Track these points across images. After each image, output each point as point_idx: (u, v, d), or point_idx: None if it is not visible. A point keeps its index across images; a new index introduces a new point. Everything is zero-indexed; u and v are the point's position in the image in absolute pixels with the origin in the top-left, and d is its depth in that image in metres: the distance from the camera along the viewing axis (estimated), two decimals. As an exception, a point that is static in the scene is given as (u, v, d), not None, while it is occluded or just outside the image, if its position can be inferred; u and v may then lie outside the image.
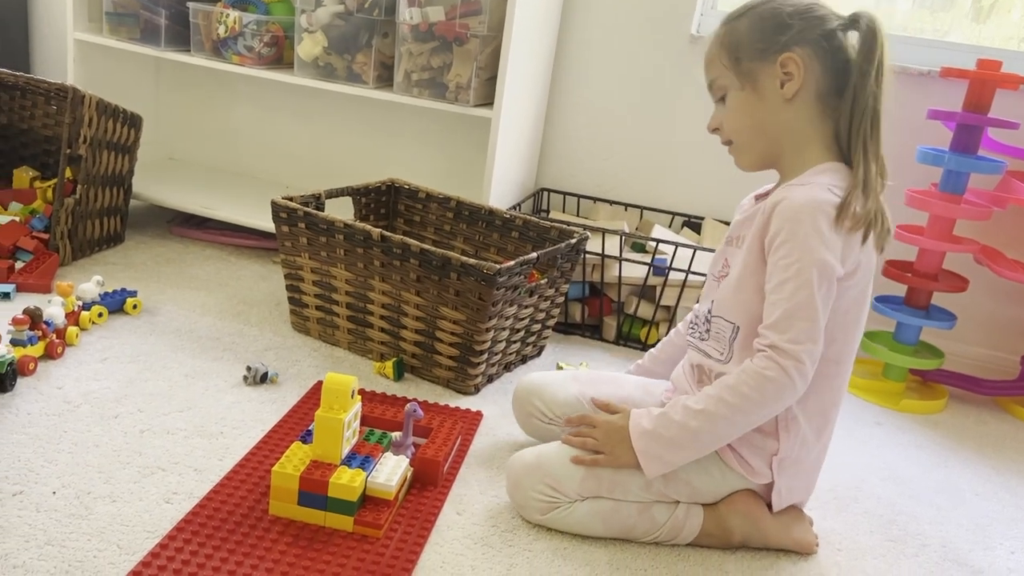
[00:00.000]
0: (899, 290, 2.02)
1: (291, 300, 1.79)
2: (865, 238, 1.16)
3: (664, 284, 1.92)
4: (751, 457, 1.22)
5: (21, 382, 1.43)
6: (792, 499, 1.27)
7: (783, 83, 1.18)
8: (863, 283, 1.19)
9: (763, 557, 1.25)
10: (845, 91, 1.17)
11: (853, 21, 1.18)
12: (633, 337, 1.99)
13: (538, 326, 1.79)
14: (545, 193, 2.34)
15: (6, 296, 1.74)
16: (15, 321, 1.47)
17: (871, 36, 1.16)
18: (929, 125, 1.99)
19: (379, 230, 1.60)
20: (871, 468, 1.58)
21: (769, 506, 1.26)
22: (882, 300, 1.97)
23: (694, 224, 2.26)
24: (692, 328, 1.32)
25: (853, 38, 1.18)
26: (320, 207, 1.82)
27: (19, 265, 1.86)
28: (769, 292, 1.15)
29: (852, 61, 1.17)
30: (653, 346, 1.51)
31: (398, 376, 1.64)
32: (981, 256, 1.90)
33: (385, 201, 2.03)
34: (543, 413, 1.40)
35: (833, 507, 1.42)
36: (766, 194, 1.28)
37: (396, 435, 1.34)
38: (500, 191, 2.06)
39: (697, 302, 1.44)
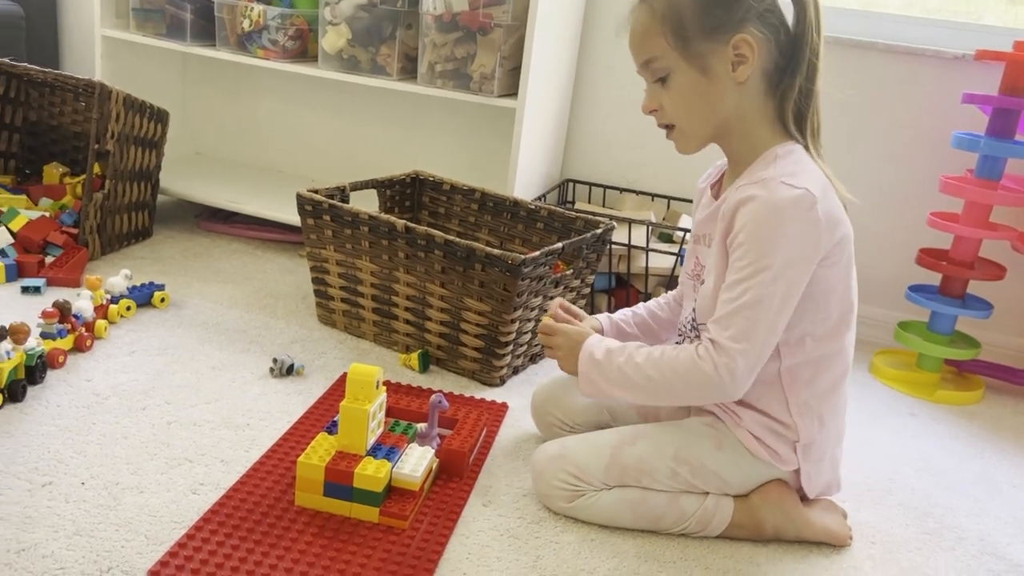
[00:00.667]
0: (934, 279, 1.98)
1: (317, 292, 1.80)
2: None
3: (692, 274, 1.89)
4: (777, 445, 1.20)
5: (51, 375, 1.44)
6: (821, 485, 1.25)
7: (735, 66, 1.13)
8: (845, 256, 1.16)
9: (795, 550, 1.23)
10: (790, 68, 1.13)
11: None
12: (660, 328, 1.97)
13: (564, 317, 1.77)
14: (570, 184, 2.33)
15: (37, 290, 1.76)
16: (45, 314, 1.49)
17: (813, 8, 1.12)
18: (964, 110, 1.95)
19: (403, 221, 1.59)
20: (905, 460, 1.55)
21: (802, 498, 1.24)
22: (916, 289, 1.93)
23: (722, 214, 2.23)
24: (680, 336, 1.31)
25: (788, 11, 1.14)
26: (345, 200, 1.82)
27: (49, 260, 1.88)
28: (723, 288, 1.13)
29: (795, 36, 1.13)
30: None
31: (423, 368, 1.63)
32: (1019, 243, 1.85)
33: (410, 193, 2.02)
34: (562, 422, 1.40)
35: (867, 499, 1.39)
36: (719, 182, 1.25)
37: (421, 426, 1.33)
38: (525, 182, 2.05)
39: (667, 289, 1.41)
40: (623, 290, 1.99)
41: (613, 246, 1.89)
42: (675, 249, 1.90)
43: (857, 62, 2.04)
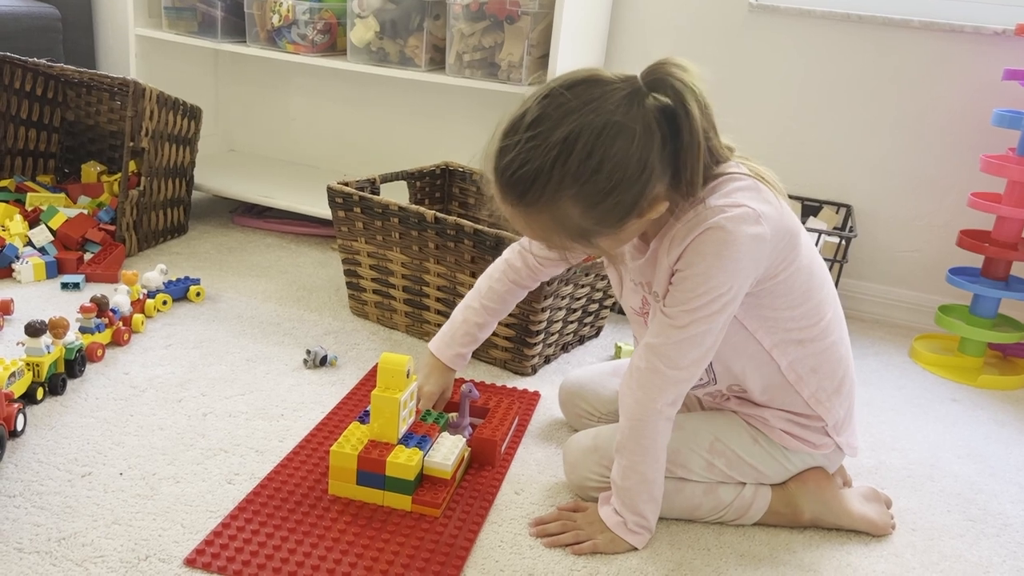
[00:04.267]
0: (975, 261, 1.93)
1: (349, 285, 1.80)
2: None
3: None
4: (807, 434, 1.18)
5: (89, 368, 1.47)
6: (856, 445, 1.24)
7: (650, 215, 1.01)
8: (797, 251, 1.08)
9: (833, 537, 1.21)
10: (687, 154, 0.99)
11: (654, 88, 0.98)
12: (694, 316, 1.94)
13: (595, 306, 1.76)
14: (601, 172, 2.30)
15: (76, 286, 1.79)
16: (83, 309, 1.51)
17: (681, 103, 0.97)
18: (1005, 86, 1.89)
19: (433, 212, 1.59)
20: (947, 446, 1.51)
21: (845, 480, 1.23)
22: (958, 272, 1.89)
23: (756, 199, 2.19)
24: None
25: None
26: (375, 192, 1.82)
27: (88, 256, 1.91)
28: (664, 313, 1.06)
29: (675, 112, 0.97)
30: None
31: (455, 358, 1.63)
32: (1064, 223, 1.80)
33: (440, 184, 2.02)
34: (590, 413, 1.39)
35: (908, 485, 1.36)
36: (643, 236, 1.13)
37: (453, 416, 1.33)
38: (555, 170, 2.03)
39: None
40: (656, 278, 1.97)
41: (645, 233, 1.88)
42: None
43: (893, 41, 2.00)
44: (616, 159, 0.95)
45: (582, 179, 0.95)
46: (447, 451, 1.21)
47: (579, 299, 1.67)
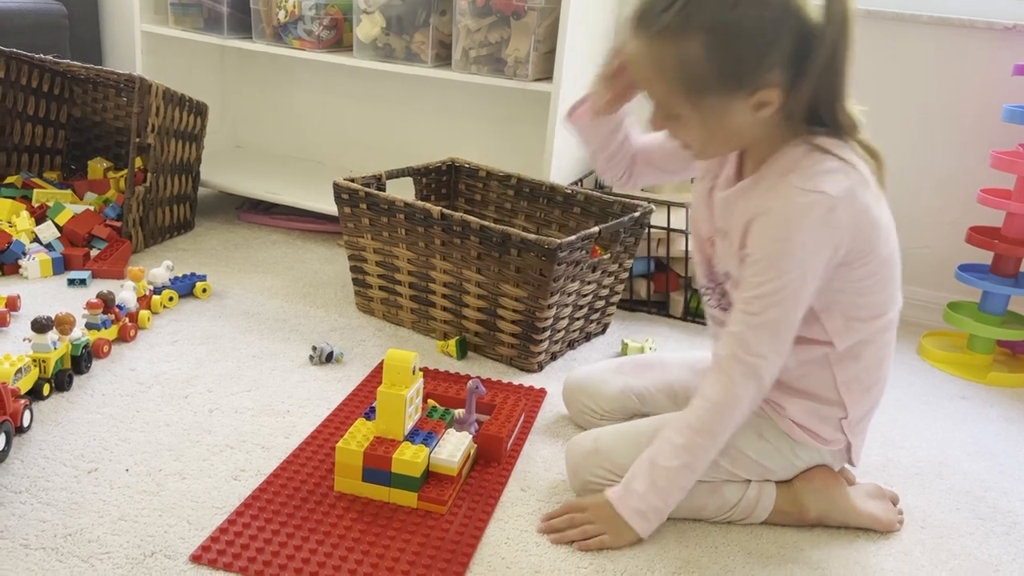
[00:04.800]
0: (985, 257, 1.91)
1: (355, 281, 1.80)
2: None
3: (732, 257, 1.86)
4: (820, 428, 1.17)
5: (96, 364, 1.47)
6: (862, 446, 1.23)
7: (757, 108, 1.03)
8: (881, 250, 1.09)
9: (841, 535, 1.20)
10: (811, 64, 1.00)
11: None
12: (701, 313, 1.94)
13: (602, 303, 1.75)
14: (608, 168, 2.30)
15: (82, 282, 1.79)
16: (89, 305, 1.51)
17: (843, 11, 1.00)
18: (1016, 82, 1.88)
19: (439, 208, 1.59)
20: (956, 443, 1.51)
21: (849, 480, 1.22)
22: (967, 269, 1.88)
23: (763, 195, 2.18)
24: (707, 294, 1.24)
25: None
26: (381, 188, 1.82)
27: (94, 252, 1.91)
28: (739, 300, 1.09)
29: (820, 34, 1.00)
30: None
31: (461, 354, 1.63)
32: (1075, 219, 1.78)
33: (446, 180, 2.02)
34: (592, 411, 1.38)
35: (916, 483, 1.36)
36: (739, 170, 1.15)
37: (459, 412, 1.33)
38: (561, 167, 2.03)
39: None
40: (662, 274, 1.96)
41: (652, 230, 1.87)
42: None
43: (902, 36, 1.98)
44: (753, 10, 0.97)
45: (717, 13, 0.97)
46: (453, 448, 1.20)
47: (585, 296, 1.67)
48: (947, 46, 1.96)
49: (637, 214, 1.69)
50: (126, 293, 1.62)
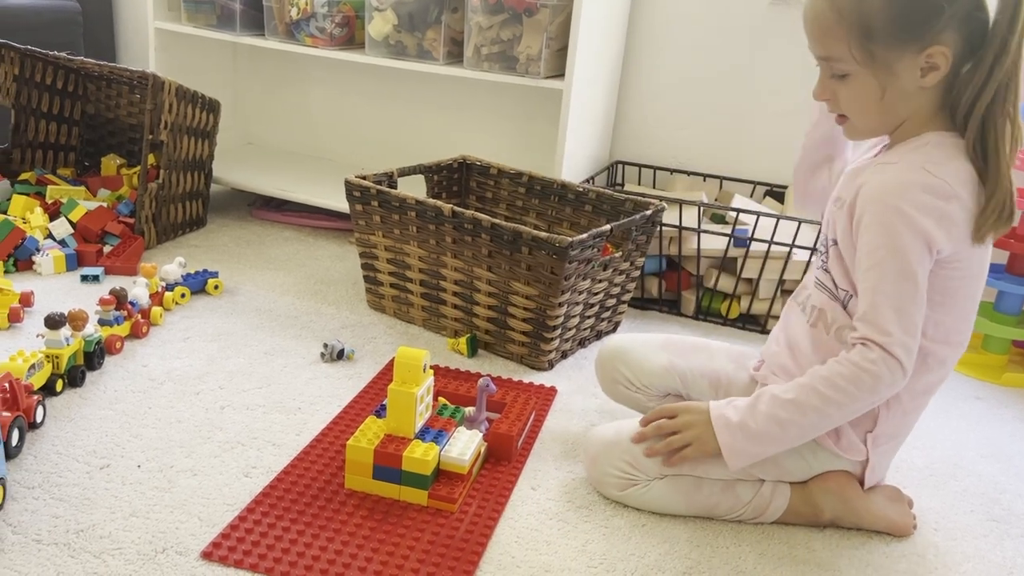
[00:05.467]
0: (1000, 257, 1.90)
1: (366, 278, 1.80)
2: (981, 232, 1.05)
3: (746, 256, 1.85)
4: (846, 432, 1.16)
5: (108, 360, 1.48)
6: (883, 472, 1.21)
7: (924, 73, 1.04)
8: (967, 265, 1.08)
9: (853, 536, 1.19)
10: (977, 59, 1.02)
11: None
12: (713, 312, 1.93)
13: (613, 301, 1.75)
14: (620, 166, 2.29)
15: (95, 279, 1.80)
16: (102, 302, 1.52)
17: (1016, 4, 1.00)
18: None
19: (450, 206, 1.59)
20: (970, 444, 1.49)
21: (862, 483, 1.20)
22: (981, 268, 1.86)
23: (776, 193, 2.17)
24: (820, 260, 1.20)
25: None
26: (393, 185, 1.82)
27: (107, 249, 1.92)
28: (858, 280, 1.08)
29: (992, 26, 1.02)
30: (734, 320, 1.42)
31: (472, 352, 1.63)
32: (1092, 219, 1.77)
33: (457, 178, 2.01)
34: (629, 381, 1.33)
35: (930, 485, 1.35)
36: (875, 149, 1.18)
37: (469, 410, 1.33)
38: (573, 165, 2.03)
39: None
40: (674, 273, 1.95)
41: (664, 228, 1.86)
42: (728, 230, 1.86)
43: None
44: None
45: None
46: (463, 446, 1.20)
47: (596, 294, 1.66)
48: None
49: (649, 212, 1.68)
50: (138, 289, 1.62)
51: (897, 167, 1.06)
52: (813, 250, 1.43)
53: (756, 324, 1.90)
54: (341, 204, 2.00)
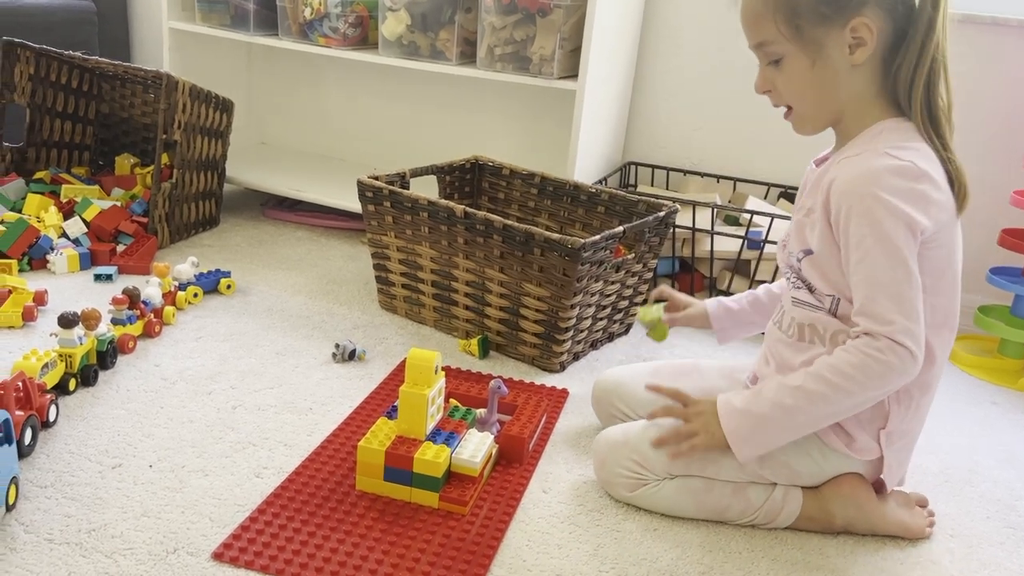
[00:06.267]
0: (1017, 260, 1.88)
1: (378, 279, 1.80)
2: (956, 193, 1.08)
3: (759, 258, 1.84)
4: (857, 432, 1.14)
5: (121, 359, 1.48)
6: (902, 472, 1.20)
7: (852, 49, 1.06)
8: (947, 241, 1.08)
9: (868, 542, 1.18)
10: (908, 40, 1.05)
11: None
12: (726, 313, 1.92)
13: (625, 303, 1.74)
14: (632, 167, 2.28)
15: (108, 278, 1.81)
16: (115, 301, 1.52)
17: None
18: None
19: (462, 206, 1.58)
20: (987, 450, 1.48)
21: (878, 488, 1.19)
22: (998, 272, 1.84)
23: (791, 195, 2.16)
24: (795, 281, 1.20)
25: None
26: (405, 186, 1.82)
27: (120, 248, 1.93)
28: (849, 275, 1.07)
29: (916, 7, 1.05)
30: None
31: (483, 354, 1.62)
32: (1111, 222, 1.75)
33: (469, 179, 2.01)
34: (625, 414, 1.35)
35: (945, 491, 1.33)
36: (826, 158, 1.18)
37: (481, 412, 1.32)
38: (585, 165, 2.02)
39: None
40: (687, 275, 1.94)
41: (677, 229, 1.85)
42: (741, 232, 1.85)
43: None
44: None
45: None
46: (475, 448, 1.20)
47: (609, 296, 1.66)
48: (980, 44, 1.93)
49: (662, 214, 1.67)
50: (151, 289, 1.63)
51: (860, 157, 1.07)
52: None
53: (769, 327, 1.89)
54: (353, 204, 2.00)
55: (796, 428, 1.11)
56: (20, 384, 1.19)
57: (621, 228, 1.56)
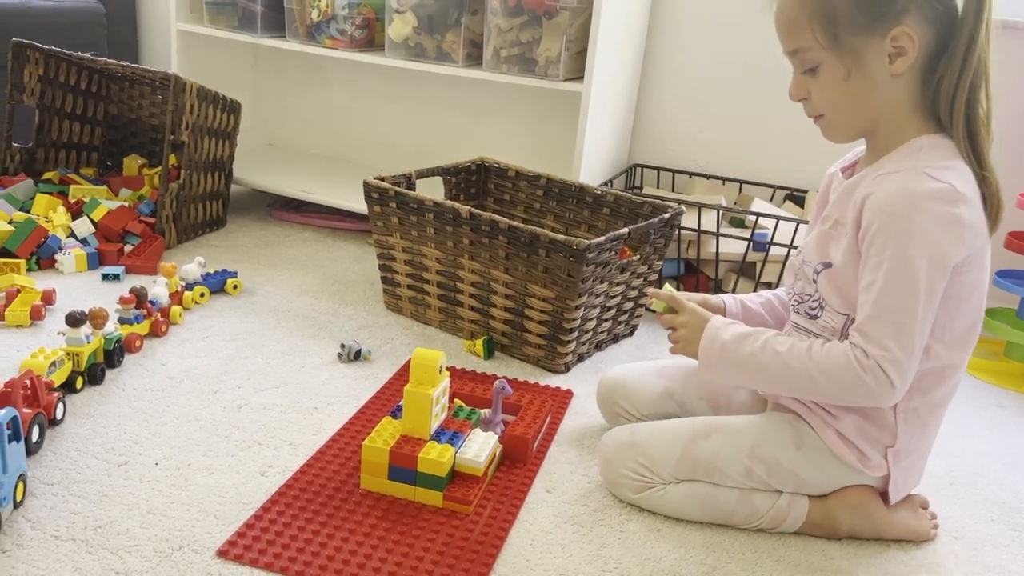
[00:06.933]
0: (1023, 263, 1.87)
1: (384, 279, 1.81)
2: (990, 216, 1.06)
3: (765, 260, 1.84)
4: (867, 448, 1.14)
5: (128, 358, 1.49)
6: (908, 488, 1.19)
7: (892, 59, 1.03)
8: (979, 264, 1.07)
9: (872, 544, 1.18)
10: (949, 52, 1.02)
11: None
12: (731, 315, 1.92)
13: (630, 304, 1.74)
14: (638, 169, 2.29)
15: (116, 277, 1.82)
16: (122, 300, 1.53)
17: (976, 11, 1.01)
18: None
19: (467, 207, 1.59)
20: (992, 453, 1.47)
21: (884, 498, 1.18)
22: (1005, 275, 1.84)
23: (797, 197, 2.16)
24: (797, 304, 1.20)
25: None
26: (411, 187, 1.82)
27: (128, 248, 1.94)
28: (860, 290, 1.05)
29: (959, 17, 1.02)
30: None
31: (488, 354, 1.63)
32: (1119, 225, 1.74)
33: (475, 180, 2.02)
34: (628, 412, 1.35)
35: (950, 493, 1.33)
36: (852, 166, 1.17)
37: (485, 412, 1.33)
38: (591, 167, 2.02)
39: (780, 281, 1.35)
40: (693, 276, 1.94)
41: (682, 231, 1.85)
42: (747, 234, 1.85)
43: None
44: None
45: None
46: (479, 448, 1.20)
47: (614, 297, 1.66)
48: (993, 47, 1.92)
49: (667, 215, 1.68)
50: (158, 289, 1.64)
51: (899, 176, 1.03)
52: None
53: (775, 329, 1.89)
54: (360, 205, 2.01)
55: (759, 383, 1.16)
56: (28, 382, 1.20)
57: (626, 229, 1.56)
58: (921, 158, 1.04)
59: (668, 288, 1.25)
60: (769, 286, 1.87)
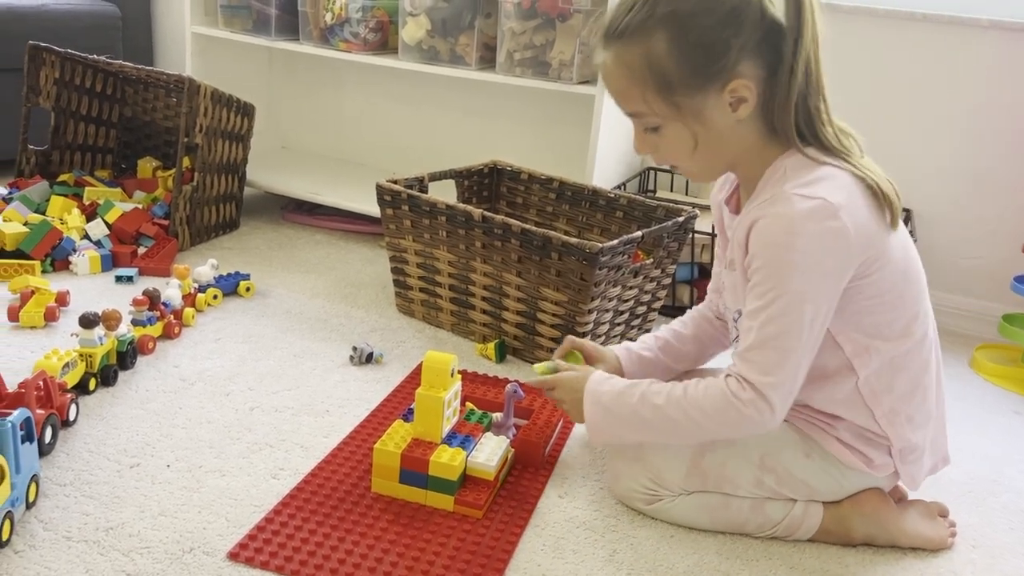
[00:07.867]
0: (1042, 269, 1.86)
1: (396, 282, 1.81)
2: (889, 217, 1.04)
3: (778, 264, 1.83)
4: (870, 451, 1.13)
5: (140, 360, 1.49)
6: (923, 476, 1.18)
7: (735, 107, 1.02)
8: (887, 261, 1.05)
9: (888, 552, 1.16)
10: (780, 70, 1.00)
11: None
12: (745, 320, 1.90)
13: (643, 308, 1.73)
14: (652, 172, 2.28)
15: (129, 279, 1.82)
16: (135, 302, 1.54)
17: (796, 23, 0.99)
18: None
19: (480, 210, 1.58)
20: (1010, 460, 1.46)
21: (898, 496, 1.17)
22: (1022, 280, 1.82)
23: (811, 202, 2.14)
24: (734, 329, 1.19)
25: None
26: (423, 190, 1.82)
27: (142, 250, 1.95)
28: (745, 315, 1.05)
29: (783, 29, 0.99)
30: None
31: (500, 358, 1.62)
32: None
33: (488, 183, 2.01)
34: None
35: (968, 501, 1.31)
36: (735, 192, 1.16)
37: (497, 416, 1.32)
38: (604, 170, 2.02)
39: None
40: (706, 281, 1.93)
41: (696, 235, 1.84)
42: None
43: (959, 40, 1.93)
44: (711, 1, 0.98)
45: (675, 4, 0.98)
46: (490, 452, 1.20)
47: (627, 301, 1.65)
48: (1005, 50, 1.91)
49: (681, 219, 1.67)
50: (171, 291, 1.64)
51: (770, 202, 1.02)
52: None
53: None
54: (372, 208, 2.01)
55: (649, 437, 1.14)
56: (41, 383, 1.20)
57: (639, 233, 1.55)
58: (788, 179, 1.03)
59: (548, 365, 1.26)
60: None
